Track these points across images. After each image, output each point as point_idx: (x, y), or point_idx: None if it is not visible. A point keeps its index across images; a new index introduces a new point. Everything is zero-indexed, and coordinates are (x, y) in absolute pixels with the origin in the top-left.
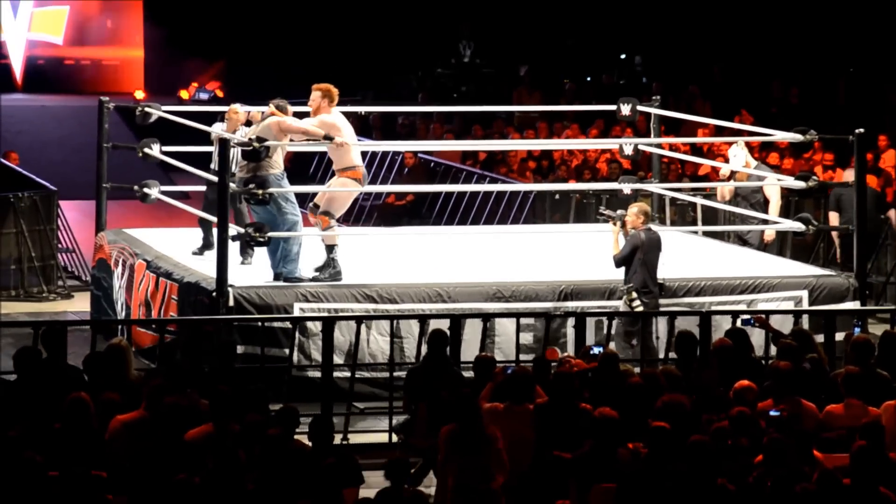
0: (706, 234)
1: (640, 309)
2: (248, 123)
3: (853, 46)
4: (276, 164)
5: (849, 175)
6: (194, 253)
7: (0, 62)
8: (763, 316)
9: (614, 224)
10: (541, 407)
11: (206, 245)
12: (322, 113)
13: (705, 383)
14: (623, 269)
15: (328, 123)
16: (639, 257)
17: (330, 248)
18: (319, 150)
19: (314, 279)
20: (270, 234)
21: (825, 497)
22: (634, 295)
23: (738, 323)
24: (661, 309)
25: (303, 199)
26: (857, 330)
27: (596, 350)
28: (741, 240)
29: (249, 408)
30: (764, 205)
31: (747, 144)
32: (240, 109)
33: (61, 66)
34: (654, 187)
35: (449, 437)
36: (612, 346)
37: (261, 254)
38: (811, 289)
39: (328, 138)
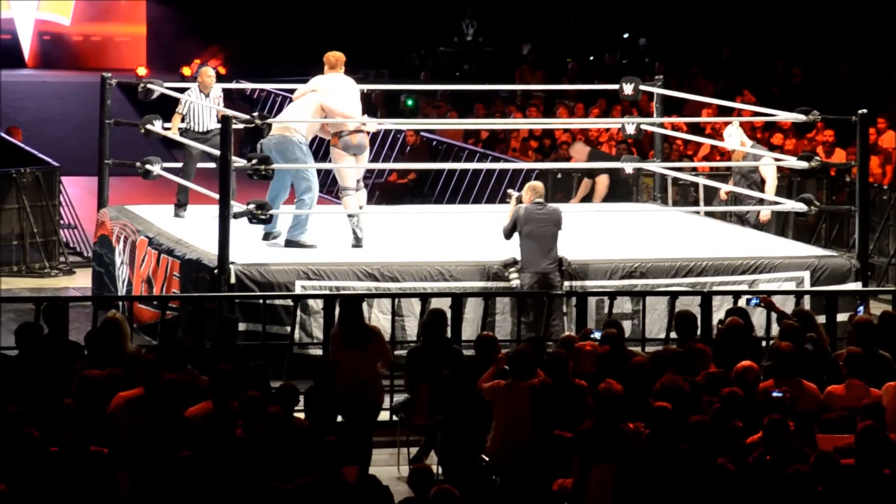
0: (707, 214)
1: (516, 283)
2: None
3: (856, 26)
4: (302, 130)
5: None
6: (176, 216)
7: (3, 38)
8: (768, 296)
9: (511, 201)
10: (536, 387)
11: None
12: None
13: (701, 364)
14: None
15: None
16: (519, 230)
17: (350, 217)
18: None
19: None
20: (273, 211)
21: (820, 478)
22: (513, 269)
23: (743, 302)
24: (662, 289)
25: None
26: (860, 310)
27: (596, 334)
28: (739, 219)
29: (250, 385)
30: (761, 184)
31: (742, 124)
32: (211, 73)
33: (69, 42)
34: (656, 167)
35: (336, 335)
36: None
37: (242, 227)
38: (813, 269)
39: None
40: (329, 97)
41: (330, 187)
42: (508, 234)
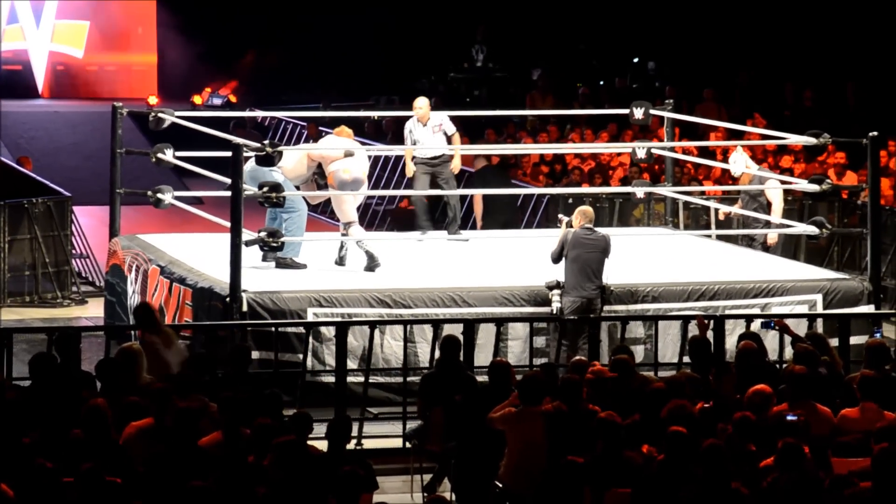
0: (719, 237)
1: (557, 305)
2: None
3: (867, 49)
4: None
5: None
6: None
7: (14, 69)
8: (782, 320)
9: (559, 223)
10: (550, 413)
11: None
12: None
13: (725, 390)
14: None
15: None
16: (565, 254)
17: (358, 243)
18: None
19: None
20: (284, 239)
21: (837, 502)
22: (555, 291)
23: (757, 326)
24: (674, 313)
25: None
26: (878, 334)
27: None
28: (749, 240)
29: (264, 413)
30: (767, 207)
31: (748, 148)
32: (420, 104)
33: (83, 72)
34: (667, 191)
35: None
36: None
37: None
38: (825, 292)
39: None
40: (315, 148)
41: (327, 210)
42: (556, 259)
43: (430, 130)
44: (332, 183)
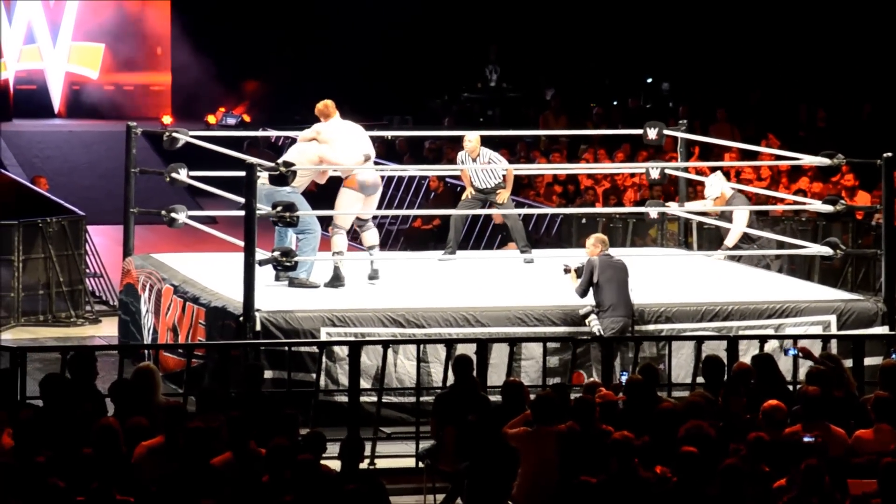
0: (732, 258)
1: (597, 329)
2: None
3: (880, 69)
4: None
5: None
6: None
7: (29, 88)
8: (806, 346)
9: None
10: (563, 433)
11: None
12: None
13: (733, 410)
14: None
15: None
16: (595, 280)
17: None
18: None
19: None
20: (297, 258)
21: None
22: (592, 316)
23: (772, 347)
24: (688, 333)
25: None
26: (894, 355)
27: (623, 377)
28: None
29: (280, 433)
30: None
31: (726, 172)
32: (470, 138)
33: (100, 92)
34: (680, 211)
35: None
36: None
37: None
38: (839, 313)
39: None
40: (329, 148)
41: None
42: (585, 291)
43: (478, 164)
44: (352, 185)
